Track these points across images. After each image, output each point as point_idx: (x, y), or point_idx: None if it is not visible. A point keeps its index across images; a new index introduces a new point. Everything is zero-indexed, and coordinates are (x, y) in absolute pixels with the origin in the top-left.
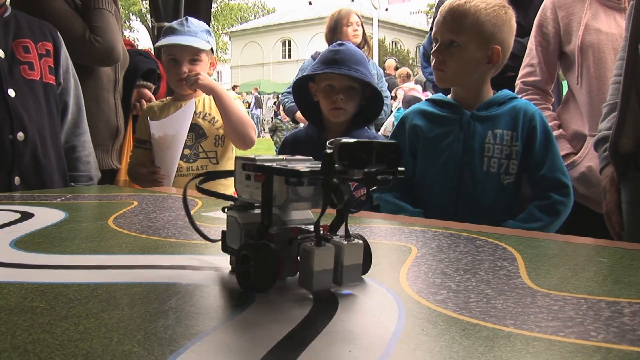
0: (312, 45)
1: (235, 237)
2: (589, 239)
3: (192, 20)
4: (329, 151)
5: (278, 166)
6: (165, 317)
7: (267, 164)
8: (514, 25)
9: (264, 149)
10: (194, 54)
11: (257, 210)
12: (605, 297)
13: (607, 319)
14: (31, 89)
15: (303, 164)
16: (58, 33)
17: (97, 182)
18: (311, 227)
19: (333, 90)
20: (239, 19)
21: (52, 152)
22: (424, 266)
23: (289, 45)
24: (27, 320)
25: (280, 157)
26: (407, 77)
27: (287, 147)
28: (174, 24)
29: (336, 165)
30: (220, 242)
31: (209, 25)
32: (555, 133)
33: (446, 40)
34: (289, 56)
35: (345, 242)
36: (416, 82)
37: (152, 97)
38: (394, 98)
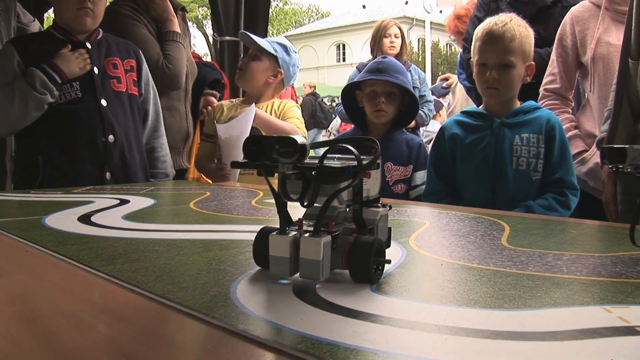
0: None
1: None
2: (572, 218)
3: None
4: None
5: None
6: (234, 261)
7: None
8: None
9: None
10: (259, 50)
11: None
12: (553, 251)
13: (548, 263)
14: (119, 99)
15: (334, 161)
16: (140, 52)
17: (172, 178)
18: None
19: (376, 94)
20: (294, 23)
21: (135, 152)
22: (430, 233)
23: (344, 48)
24: (154, 255)
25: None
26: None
27: None
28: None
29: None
30: None
31: (265, 32)
32: (572, 133)
33: (498, 62)
34: (344, 59)
35: (305, 235)
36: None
37: None
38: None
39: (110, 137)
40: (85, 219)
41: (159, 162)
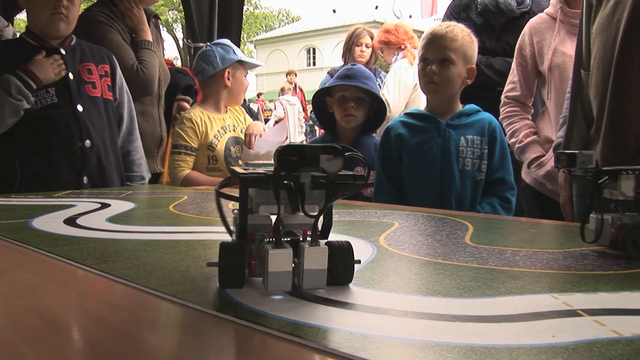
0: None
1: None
2: (531, 219)
3: None
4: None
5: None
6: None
7: (240, 170)
8: None
9: None
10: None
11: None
12: (512, 248)
13: (506, 259)
14: (94, 104)
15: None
16: (114, 57)
17: (147, 182)
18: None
19: (345, 100)
20: (264, 27)
21: (112, 156)
22: (399, 232)
23: (314, 52)
24: (144, 254)
25: (266, 162)
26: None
27: None
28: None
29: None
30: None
31: (239, 39)
32: (531, 138)
33: (439, 58)
34: (314, 64)
35: (307, 246)
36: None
37: None
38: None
39: (87, 142)
40: (71, 221)
41: (135, 166)
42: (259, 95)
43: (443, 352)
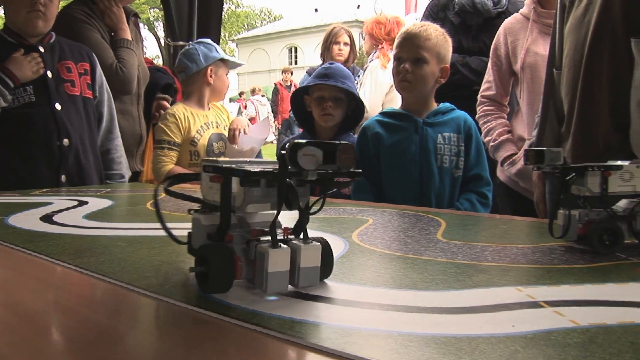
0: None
1: (199, 239)
2: (503, 215)
3: None
4: (283, 152)
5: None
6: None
7: (225, 165)
8: None
9: (270, 155)
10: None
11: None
12: (482, 243)
13: (475, 253)
14: (73, 102)
15: (261, 166)
16: (94, 55)
17: (128, 180)
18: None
19: (324, 99)
20: (246, 26)
21: (90, 154)
22: (372, 229)
23: (296, 51)
24: (118, 250)
25: (243, 159)
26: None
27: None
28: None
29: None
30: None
31: (218, 38)
32: (505, 137)
33: (413, 57)
34: (296, 63)
35: (303, 244)
36: None
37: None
38: None
39: (65, 141)
40: (47, 218)
41: (114, 164)
42: (240, 94)
43: (405, 341)
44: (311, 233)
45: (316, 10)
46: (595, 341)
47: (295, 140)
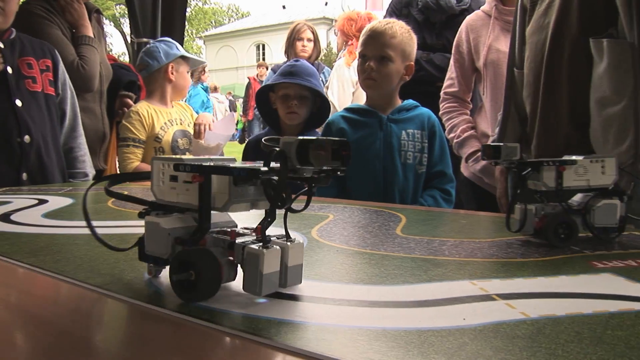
0: None
1: (159, 244)
2: (463, 210)
3: None
4: (281, 148)
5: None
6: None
7: (208, 164)
8: None
9: (237, 153)
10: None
11: (180, 214)
12: (440, 238)
13: (433, 248)
14: (34, 99)
15: (226, 163)
16: (56, 51)
17: (92, 179)
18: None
19: (289, 97)
20: (213, 22)
21: (53, 152)
22: (332, 225)
23: (263, 49)
24: (75, 248)
25: (205, 157)
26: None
27: (250, 149)
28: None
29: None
30: (128, 250)
31: (182, 35)
32: (468, 133)
33: (377, 55)
34: (263, 60)
35: (289, 243)
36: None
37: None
38: None
39: (26, 138)
40: (4, 217)
41: (78, 162)
42: (215, 88)
43: (354, 335)
44: (269, 229)
45: (284, 7)
46: (543, 332)
47: (304, 137)
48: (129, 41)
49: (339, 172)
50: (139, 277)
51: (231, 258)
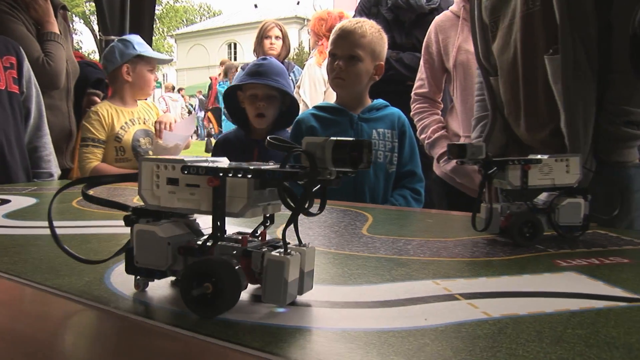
0: None
1: (156, 255)
2: (432, 209)
3: None
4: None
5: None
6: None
7: (228, 166)
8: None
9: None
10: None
11: (172, 221)
12: (406, 237)
13: (398, 247)
14: None
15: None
16: (21, 48)
17: (57, 178)
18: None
19: (257, 98)
20: (185, 21)
21: (16, 152)
22: (299, 224)
23: (235, 47)
24: (35, 249)
25: (192, 157)
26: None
27: (219, 147)
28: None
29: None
30: (104, 262)
31: (151, 32)
32: (439, 133)
33: (347, 54)
34: (235, 59)
35: (304, 248)
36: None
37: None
38: None
39: None
40: None
41: (43, 162)
42: (179, 90)
43: (313, 336)
44: (234, 229)
45: (256, 6)
46: (504, 332)
47: (352, 139)
48: (98, 39)
49: (350, 174)
50: (97, 278)
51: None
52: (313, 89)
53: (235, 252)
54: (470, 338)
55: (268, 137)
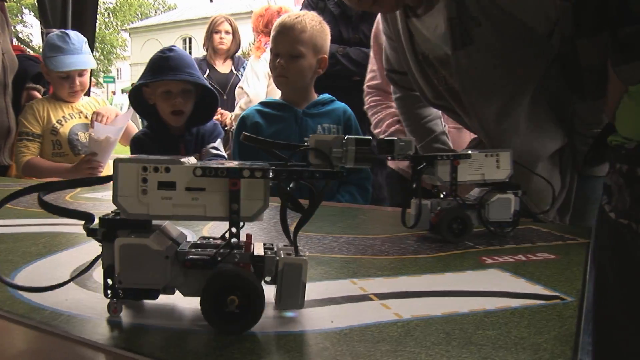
0: None
1: (152, 272)
2: (369, 205)
3: (72, 35)
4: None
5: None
6: (25, 252)
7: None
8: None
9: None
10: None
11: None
12: (334, 235)
13: (324, 245)
14: None
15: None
16: None
17: None
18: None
19: (171, 95)
20: (139, 15)
21: None
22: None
23: (190, 42)
24: None
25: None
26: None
27: (135, 145)
28: (57, 41)
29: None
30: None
31: (94, 26)
32: (395, 127)
33: (288, 52)
34: (190, 53)
35: (304, 256)
36: None
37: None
38: None
39: None
40: None
41: None
42: (132, 85)
43: (210, 340)
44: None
45: (211, 0)
46: (411, 334)
47: (360, 137)
48: (41, 31)
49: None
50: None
51: None
52: (255, 82)
53: (237, 258)
54: (374, 341)
55: (244, 134)
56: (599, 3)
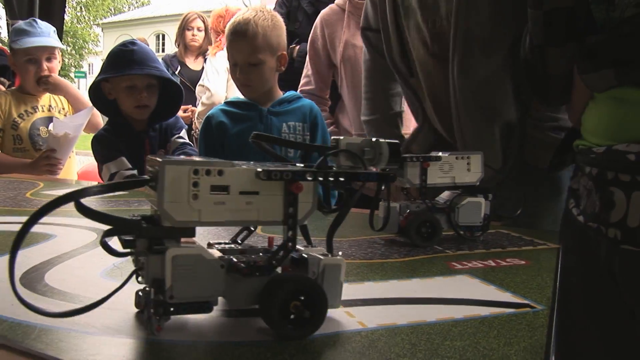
0: None
1: (208, 284)
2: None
3: (40, 22)
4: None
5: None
6: None
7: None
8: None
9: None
10: (50, 52)
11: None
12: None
13: None
14: None
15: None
16: None
17: None
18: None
19: (135, 89)
20: (112, 10)
21: None
22: None
23: (163, 39)
24: None
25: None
26: None
27: (101, 148)
28: (24, 25)
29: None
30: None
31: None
32: (329, 130)
33: (246, 62)
34: (163, 50)
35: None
36: None
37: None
38: None
39: None
40: None
41: None
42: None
43: (146, 348)
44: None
45: None
46: (375, 345)
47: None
48: (7, 23)
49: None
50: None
51: None
52: (214, 78)
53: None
54: (336, 352)
55: (255, 133)
56: (569, 12)
